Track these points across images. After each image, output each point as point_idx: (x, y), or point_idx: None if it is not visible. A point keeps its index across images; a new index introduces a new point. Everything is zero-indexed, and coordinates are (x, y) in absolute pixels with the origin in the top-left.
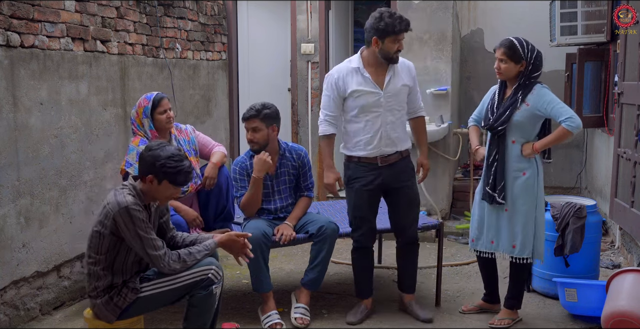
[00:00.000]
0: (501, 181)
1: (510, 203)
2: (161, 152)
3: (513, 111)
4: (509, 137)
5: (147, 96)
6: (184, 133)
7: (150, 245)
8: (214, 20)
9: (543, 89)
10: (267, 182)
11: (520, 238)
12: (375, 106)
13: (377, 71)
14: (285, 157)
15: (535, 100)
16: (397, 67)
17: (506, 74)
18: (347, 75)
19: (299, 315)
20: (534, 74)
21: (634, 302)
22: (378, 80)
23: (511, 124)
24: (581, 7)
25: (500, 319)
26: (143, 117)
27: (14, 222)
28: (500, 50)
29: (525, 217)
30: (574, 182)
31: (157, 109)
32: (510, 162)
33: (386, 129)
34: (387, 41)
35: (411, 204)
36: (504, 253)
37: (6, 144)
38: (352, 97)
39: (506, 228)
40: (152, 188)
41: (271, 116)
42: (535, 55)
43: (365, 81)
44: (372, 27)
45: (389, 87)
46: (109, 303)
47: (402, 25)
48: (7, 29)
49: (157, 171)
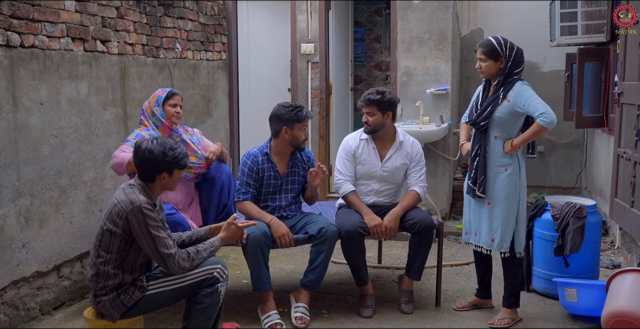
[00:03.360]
0: (481, 175)
1: (492, 198)
2: (160, 148)
3: (495, 107)
4: (492, 133)
5: (163, 89)
6: (191, 132)
7: (162, 244)
8: (214, 20)
9: (523, 85)
10: (276, 181)
11: (500, 232)
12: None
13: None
14: (297, 159)
15: (516, 96)
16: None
17: (487, 72)
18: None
19: (299, 314)
20: (515, 70)
21: (634, 302)
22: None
23: (493, 120)
24: (581, 7)
25: (501, 319)
26: (155, 106)
27: (14, 222)
28: (479, 50)
29: (505, 212)
30: (574, 182)
31: (169, 100)
32: (492, 157)
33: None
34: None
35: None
36: (484, 245)
37: (6, 144)
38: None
39: (487, 222)
40: (165, 182)
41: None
42: (515, 53)
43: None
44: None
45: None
46: (116, 300)
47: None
48: (7, 29)
49: (167, 165)
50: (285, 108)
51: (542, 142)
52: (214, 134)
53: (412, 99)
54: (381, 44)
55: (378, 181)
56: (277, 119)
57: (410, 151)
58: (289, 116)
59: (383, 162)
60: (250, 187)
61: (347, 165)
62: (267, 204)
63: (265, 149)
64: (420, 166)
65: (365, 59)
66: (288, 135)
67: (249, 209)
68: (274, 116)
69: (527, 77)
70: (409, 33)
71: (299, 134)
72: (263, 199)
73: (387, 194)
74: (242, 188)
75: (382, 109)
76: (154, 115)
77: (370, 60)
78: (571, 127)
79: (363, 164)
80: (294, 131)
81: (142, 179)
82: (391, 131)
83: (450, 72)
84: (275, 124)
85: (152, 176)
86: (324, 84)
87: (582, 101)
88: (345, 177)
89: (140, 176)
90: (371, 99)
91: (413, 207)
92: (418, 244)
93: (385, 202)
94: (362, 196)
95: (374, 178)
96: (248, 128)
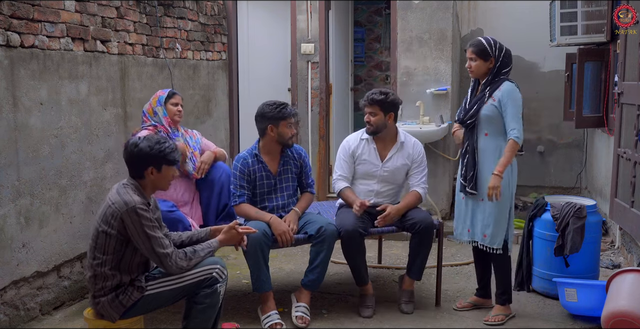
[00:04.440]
0: (471, 171)
1: (485, 194)
2: (146, 143)
3: (480, 105)
4: (482, 131)
5: (163, 89)
6: (190, 133)
7: (158, 244)
8: (214, 20)
9: (511, 86)
10: (270, 181)
11: (492, 228)
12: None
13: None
14: (288, 156)
15: (502, 96)
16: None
17: (477, 72)
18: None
19: (299, 314)
20: (503, 70)
21: (634, 302)
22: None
23: (480, 118)
24: (581, 7)
25: (494, 315)
26: (157, 106)
27: (14, 222)
28: (469, 49)
29: (498, 209)
30: (574, 182)
31: (171, 100)
32: (483, 154)
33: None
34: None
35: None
36: (476, 241)
37: (6, 144)
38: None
39: (480, 218)
40: (154, 178)
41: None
42: (504, 53)
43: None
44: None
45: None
46: (114, 300)
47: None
48: (7, 29)
49: (154, 159)
50: (269, 106)
51: (542, 142)
52: (214, 134)
53: (412, 99)
54: (381, 44)
55: (379, 181)
56: (262, 117)
57: (412, 152)
58: (273, 114)
59: (384, 162)
60: (244, 190)
61: (344, 166)
62: (264, 205)
63: (254, 150)
64: (422, 167)
65: (365, 59)
66: (274, 133)
67: (247, 211)
68: (259, 115)
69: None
70: (409, 33)
71: (284, 131)
72: (259, 200)
73: (388, 194)
74: (236, 191)
75: (385, 109)
76: (155, 114)
77: (370, 60)
78: (571, 127)
79: (363, 163)
80: (280, 129)
81: (132, 175)
82: (393, 132)
83: (450, 72)
84: (261, 123)
85: (140, 172)
86: (324, 84)
87: (582, 101)
88: (342, 177)
89: (129, 173)
90: (374, 99)
91: (414, 207)
92: (418, 244)
93: (386, 202)
94: (362, 196)
95: (374, 178)
96: (248, 128)
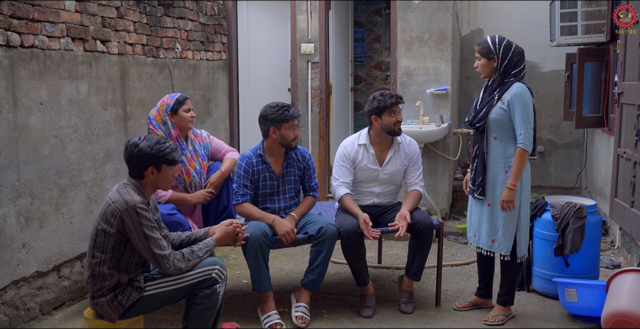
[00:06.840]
0: (480, 176)
1: (493, 199)
2: (146, 143)
3: (489, 108)
4: (491, 134)
5: (170, 95)
6: (199, 137)
7: (156, 245)
8: (214, 20)
9: (521, 88)
10: (273, 182)
11: (500, 234)
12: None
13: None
14: (291, 158)
15: (511, 99)
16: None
17: (483, 71)
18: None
19: (300, 314)
20: (512, 71)
21: (634, 302)
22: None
23: (489, 122)
24: (581, 7)
25: (494, 315)
26: (165, 115)
27: (14, 222)
28: (476, 48)
29: (506, 214)
30: (574, 182)
31: (183, 106)
32: (493, 158)
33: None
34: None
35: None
36: (483, 246)
37: (6, 144)
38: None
39: (487, 223)
40: (154, 178)
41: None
42: (512, 52)
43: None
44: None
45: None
46: (113, 301)
47: (392, 99)
48: (7, 29)
49: (153, 159)
50: (271, 108)
51: (542, 142)
52: (214, 134)
53: (412, 99)
54: (381, 44)
55: (379, 184)
56: (264, 119)
57: (409, 152)
58: (275, 116)
59: (383, 166)
60: (247, 189)
61: (344, 171)
62: (266, 206)
63: (259, 150)
64: (418, 165)
65: (365, 59)
66: (276, 135)
67: (250, 211)
68: (262, 116)
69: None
70: (409, 33)
71: (287, 133)
72: (261, 201)
73: (388, 195)
74: (239, 190)
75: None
76: (164, 124)
77: (370, 60)
78: (571, 127)
79: (363, 170)
80: (282, 131)
81: (132, 175)
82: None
83: (450, 72)
84: (263, 125)
85: (141, 172)
86: (324, 84)
87: (582, 101)
88: (342, 183)
89: (129, 173)
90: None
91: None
92: (418, 245)
93: (386, 202)
94: (363, 197)
95: (375, 181)
96: (248, 128)
